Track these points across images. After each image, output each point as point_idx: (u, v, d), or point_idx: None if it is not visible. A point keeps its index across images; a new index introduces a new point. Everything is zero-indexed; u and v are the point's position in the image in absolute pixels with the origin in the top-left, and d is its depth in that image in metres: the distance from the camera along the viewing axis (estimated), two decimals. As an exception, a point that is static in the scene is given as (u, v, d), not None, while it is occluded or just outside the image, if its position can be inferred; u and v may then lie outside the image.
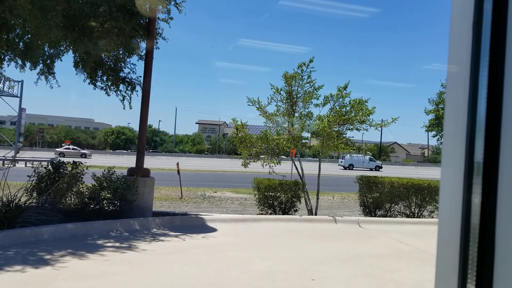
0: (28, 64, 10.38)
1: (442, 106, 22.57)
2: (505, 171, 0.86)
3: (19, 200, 8.59)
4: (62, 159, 10.89)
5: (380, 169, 57.02)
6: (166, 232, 9.08)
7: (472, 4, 0.93)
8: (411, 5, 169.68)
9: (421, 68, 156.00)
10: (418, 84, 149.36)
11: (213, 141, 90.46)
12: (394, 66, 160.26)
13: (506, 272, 0.85)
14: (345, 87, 12.17)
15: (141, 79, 10.97)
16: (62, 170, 9.57)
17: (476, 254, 0.89)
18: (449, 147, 1.00)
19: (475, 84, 0.92)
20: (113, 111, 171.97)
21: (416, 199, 12.52)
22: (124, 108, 11.59)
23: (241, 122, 12.67)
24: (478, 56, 0.91)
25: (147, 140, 14.79)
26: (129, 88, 11.42)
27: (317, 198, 12.70)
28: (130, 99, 11.45)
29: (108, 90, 11.31)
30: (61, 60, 10.72)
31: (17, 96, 34.39)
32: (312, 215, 12.05)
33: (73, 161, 10.00)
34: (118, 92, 11.34)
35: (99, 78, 11.23)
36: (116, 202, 9.74)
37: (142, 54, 11.10)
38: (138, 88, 11.41)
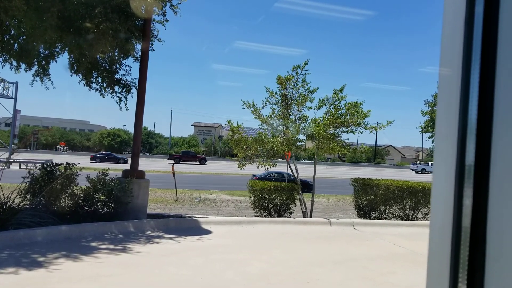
0: (23, 66, 10.33)
1: (437, 108, 22.70)
2: (496, 173, 0.87)
3: (13, 202, 8.54)
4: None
5: None
6: (161, 234, 9.06)
7: (464, 7, 0.94)
8: (407, 8, 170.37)
9: (416, 71, 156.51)
10: (414, 87, 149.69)
11: (209, 143, 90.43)
12: (390, 68, 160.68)
13: (497, 273, 0.85)
14: (341, 90, 12.20)
15: (137, 81, 10.95)
16: (56, 172, 9.52)
17: (467, 255, 0.89)
18: (441, 149, 1.01)
19: (467, 86, 0.92)
20: (108, 113, 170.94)
21: (410, 201, 12.57)
22: (120, 110, 11.56)
23: (236, 124, 12.67)
24: (470, 59, 0.92)
25: (142, 142, 14.74)
26: (124, 90, 11.40)
27: (312, 201, 12.71)
28: (126, 100, 11.43)
29: (103, 91, 11.27)
30: (56, 62, 10.67)
31: (11, 98, 34.19)
32: (307, 217, 12.06)
33: (67, 162, 9.96)
34: (114, 94, 11.32)
35: (94, 80, 11.19)
36: (110, 204, 9.70)
37: (138, 55, 11.07)
38: (133, 89, 11.38)
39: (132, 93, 11.42)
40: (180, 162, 56.06)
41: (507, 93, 0.86)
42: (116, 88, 11.34)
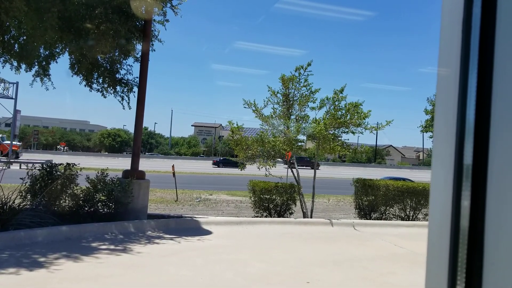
0: (23, 66, 10.32)
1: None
2: (494, 173, 0.87)
3: (13, 202, 8.53)
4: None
5: None
6: (161, 234, 9.06)
7: (461, 8, 0.94)
8: (407, 9, 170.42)
9: (416, 71, 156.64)
10: (414, 87, 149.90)
11: (209, 143, 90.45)
12: (390, 69, 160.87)
13: (495, 274, 0.86)
14: (342, 90, 12.20)
15: (138, 80, 10.95)
16: (55, 172, 9.52)
17: (465, 256, 0.89)
18: (439, 150, 1.01)
19: (465, 87, 0.92)
20: (108, 113, 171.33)
21: (411, 202, 12.57)
22: (123, 109, 11.56)
23: (237, 125, 12.68)
24: (468, 59, 0.92)
25: (142, 142, 14.78)
26: (126, 89, 11.40)
27: (313, 201, 12.70)
28: (129, 99, 11.44)
29: (104, 92, 11.27)
30: (56, 62, 10.67)
31: (12, 98, 34.21)
32: (308, 217, 12.05)
33: (67, 163, 9.96)
34: (116, 94, 11.32)
35: (95, 80, 11.19)
36: (110, 204, 9.70)
37: (138, 56, 11.07)
38: (135, 88, 11.37)
39: (134, 92, 11.42)
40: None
41: (505, 93, 0.86)
42: (118, 88, 11.35)
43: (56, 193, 9.23)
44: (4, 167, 9.62)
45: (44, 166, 9.61)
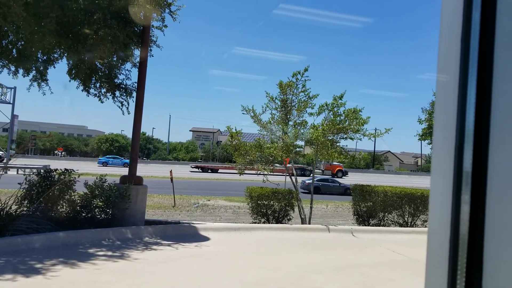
0: (21, 71, 10.33)
1: (435, 115, 22.77)
2: (493, 180, 0.86)
3: (10, 208, 8.50)
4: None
5: None
6: (158, 241, 9.02)
7: (461, 14, 0.94)
8: (405, 15, 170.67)
9: (414, 78, 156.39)
10: (412, 93, 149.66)
11: (207, 148, 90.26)
12: (388, 75, 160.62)
13: (495, 280, 0.85)
14: (341, 97, 12.22)
15: (136, 85, 10.96)
16: (53, 178, 9.48)
17: (465, 262, 0.89)
18: (438, 156, 1.00)
19: (464, 93, 0.92)
20: (106, 118, 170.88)
21: (409, 208, 12.54)
22: (123, 114, 11.56)
23: (236, 130, 12.69)
24: (467, 65, 0.92)
25: (140, 147, 14.75)
26: (125, 94, 11.41)
27: (311, 207, 12.68)
28: (128, 104, 11.45)
29: (101, 97, 11.28)
30: (54, 67, 10.69)
31: (9, 103, 34.10)
32: (306, 224, 12.02)
33: (65, 168, 9.92)
34: (115, 99, 11.33)
35: (93, 85, 11.20)
36: (108, 210, 9.66)
37: (136, 61, 11.09)
38: (134, 93, 11.38)
39: (133, 97, 11.42)
40: None
41: (505, 100, 0.86)
42: (117, 93, 11.36)
43: (54, 199, 9.18)
44: (1, 172, 9.58)
45: (41, 171, 9.57)
